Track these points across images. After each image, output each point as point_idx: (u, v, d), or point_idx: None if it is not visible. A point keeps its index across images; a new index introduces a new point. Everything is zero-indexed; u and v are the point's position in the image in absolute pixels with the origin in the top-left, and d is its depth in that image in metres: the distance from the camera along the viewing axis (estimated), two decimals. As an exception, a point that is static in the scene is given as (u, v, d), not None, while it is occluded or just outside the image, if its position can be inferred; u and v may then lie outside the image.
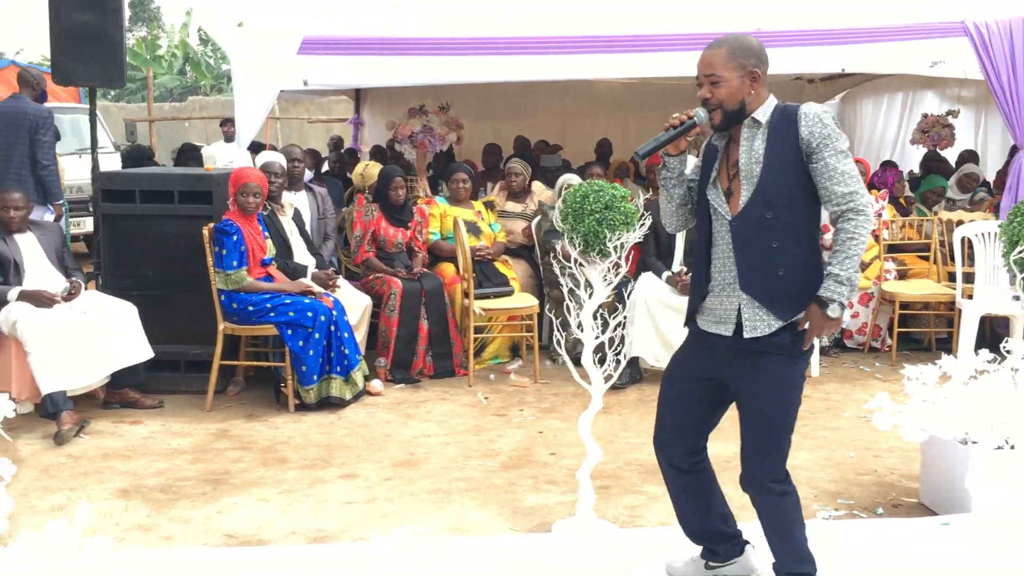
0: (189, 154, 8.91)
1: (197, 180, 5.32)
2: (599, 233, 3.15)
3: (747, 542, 2.94)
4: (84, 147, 10.69)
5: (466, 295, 5.61)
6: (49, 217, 6.51)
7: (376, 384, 5.37)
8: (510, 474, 4.09)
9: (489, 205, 6.40)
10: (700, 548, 2.96)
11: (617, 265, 3.26)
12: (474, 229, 6.07)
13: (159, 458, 4.32)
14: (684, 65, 5.63)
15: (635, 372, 5.45)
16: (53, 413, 4.53)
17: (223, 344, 5.09)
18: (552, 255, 3.78)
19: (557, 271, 3.48)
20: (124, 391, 5.06)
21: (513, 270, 6.15)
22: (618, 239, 3.17)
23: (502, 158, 8.41)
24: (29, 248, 5.07)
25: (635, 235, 3.22)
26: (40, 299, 4.79)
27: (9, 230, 5.04)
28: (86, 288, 5.10)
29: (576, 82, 8.48)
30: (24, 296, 4.80)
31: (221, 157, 11.18)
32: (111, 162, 11.10)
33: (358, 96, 10.66)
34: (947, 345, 6.05)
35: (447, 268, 5.99)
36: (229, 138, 12.48)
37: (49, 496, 3.84)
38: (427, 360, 5.69)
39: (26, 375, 4.67)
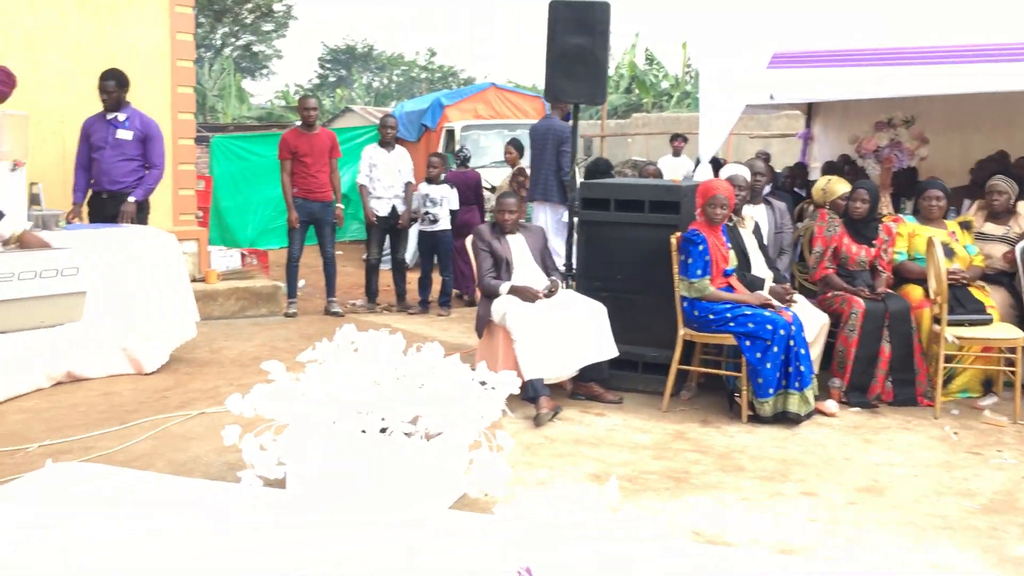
0: (603, 168, 9.13)
1: (667, 191, 5.57)
2: None
3: None
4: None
5: (937, 320, 5.24)
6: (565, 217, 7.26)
7: (830, 405, 5.21)
8: (993, 518, 3.74)
9: (965, 225, 5.91)
10: None
11: None
12: (947, 251, 5.64)
13: (623, 450, 4.59)
14: None
15: None
16: (532, 397, 5.02)
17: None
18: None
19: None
20: (590, 385, 5.45)
21: (991, 297, 5.61)
22: None
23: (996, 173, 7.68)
24: (518, 248, 5.67)
25: None
26: (526, 294, 5.34)
27: (503, 231, 5.68)
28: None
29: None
30: (513, 290, 5.39)
31: (669, 170, 11.59)
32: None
33: (810, 110, 10.43)
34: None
35: (914, 290, 5.63)
36: (676, 152, 12.91)
37: (532, 470, 4.26)
38: (886, 385, 5.40)
39: (511, 360, 5.22)
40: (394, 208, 8.33)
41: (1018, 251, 5.72)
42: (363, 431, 3.58)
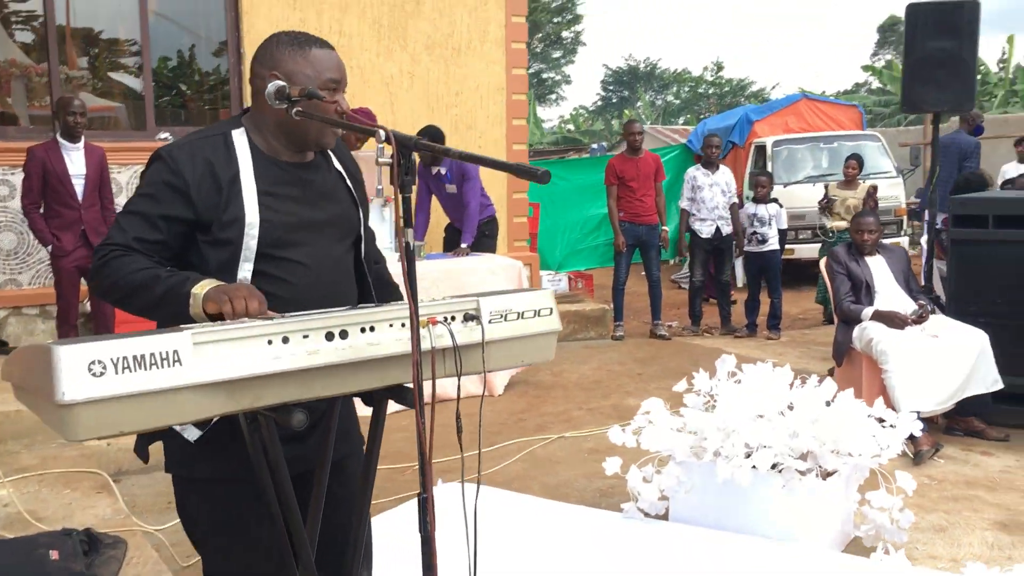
0: (976, 185, 8.37)
1: (1060, 204, 4.96)
2: None
3: None
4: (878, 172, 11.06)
5: None
6: None
7: None
8: None
9: None
10: None
11: None
12: None
13: (1027, 496, 4.10)
14: None
15: None
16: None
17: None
18: None
19: None
20: (969, 419, 4.95)
21: None
22: None
23: None
24: (879, 270, 5.30)
25: None
26: (893, 320, 4.96)
27: (861, 252, 5.33)
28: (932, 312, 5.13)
29: None
30: (878, 316, 5.02)
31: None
32: (893, 187, 11.26)
33: None
34: None
35: None
36: (1022, 158, 11.66)
37: (925, 515, 3.90)
38: None
39: (876, 391, 4.86)
40: (718, 229, 8.15)
41: None
42: (753, 466, 3.44)
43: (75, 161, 5.51)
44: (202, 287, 1.81)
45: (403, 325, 1.84)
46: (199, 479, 1.99)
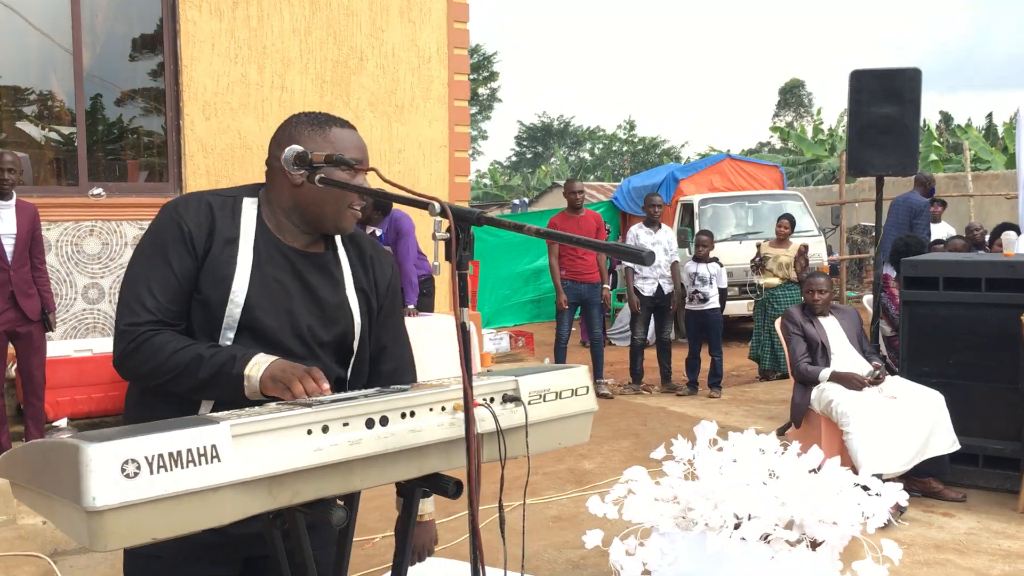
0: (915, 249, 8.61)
1: (1008, 267, 5.10)
2: None
3: None
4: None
5: None
6: None
7: None
8: None
9: None
10: None
11: None
12: None
13: (996, 558, 4.12)
14: None
15: None
16: (874, 495, 4.62)
17: (1036, 442, 4.75)
18: None
19: None
20: (927, 480, 4.99)
21: None
22: None
23: None
24: (833, 330, 5.35)
25: None
26: (851, 382, 4.99)
27: (815, 313, 5.38)
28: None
29: None
30: (835, 377, 5.05)
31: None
32: (816, 245, 11.55)
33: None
34: None
35: None
36: (936, 219, 12.12)
37: (904, 581, 3.88)
38: None
39: (833, 452, 4.86)
40: (659, 287, 8.19)
41: None
42: (742, 538, 3.35)
43: (5, 219, 5.18)
44: (256, 367, 1.67)
45: (443, 409, 1.71)
46: (153, 555, 1.73)
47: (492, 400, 1.79)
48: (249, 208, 1.87)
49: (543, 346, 9.52)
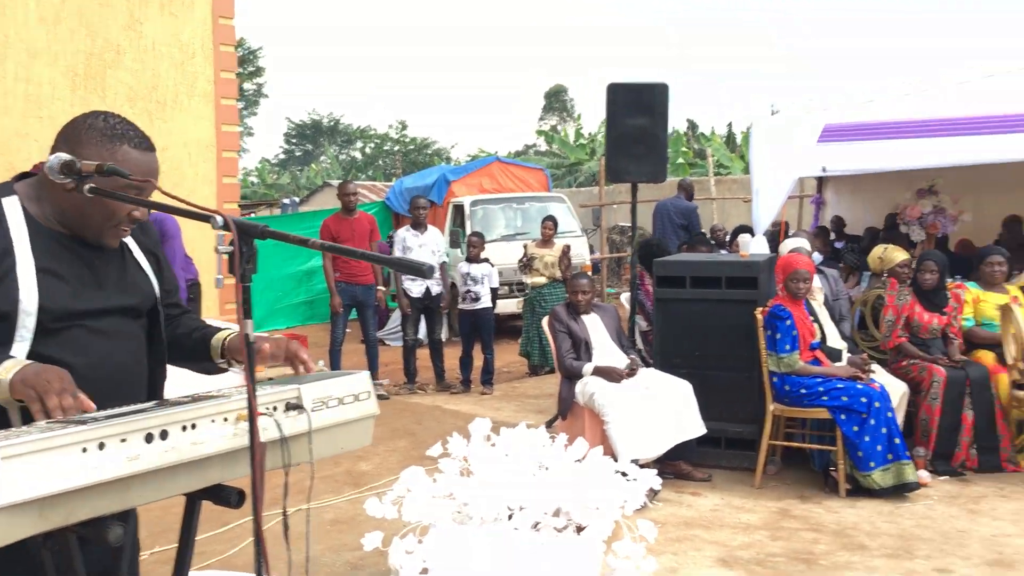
0: (656, 250, 9.39)
1: (744, 267, 5.64)
2: None
3: None
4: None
5: (1019, 386, 5.33)
6: None
7: (923, 474, 5.24)
8: None
9: (1025, 289, 6.05)
10: None
11: None
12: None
13: (737, 531, 4.57)
14: None
15: None
16: (633, 480, 4.98)
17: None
18: None
19: None
20: (678, 463, 5.43)
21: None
22: None
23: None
24: (595, 327, 5.70)
25: None
26: (611, 375, 5.35)
27: (578, 311, 5.71)
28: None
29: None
30: (598, 371, 5.39)
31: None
32: (579, 246, 12.15)
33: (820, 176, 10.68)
34: None
35: (985, 356, 5.73)
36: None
37: (657, 557, 4.20)
38: (971, 453, 5.45)
39: (596, 442, 5.19)
40: (428, 289, 8.33)
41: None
42: (516, 528, 3.54)
43: None
44: (6, 371, 1.59)
45: (226, 420, 1.72)
46: None
47: (275, 409, 1.82)
48: (12, 209, 1.79)
49: (317, 348, 9.40)
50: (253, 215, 18.09)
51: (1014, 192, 9.44)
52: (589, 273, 12.14)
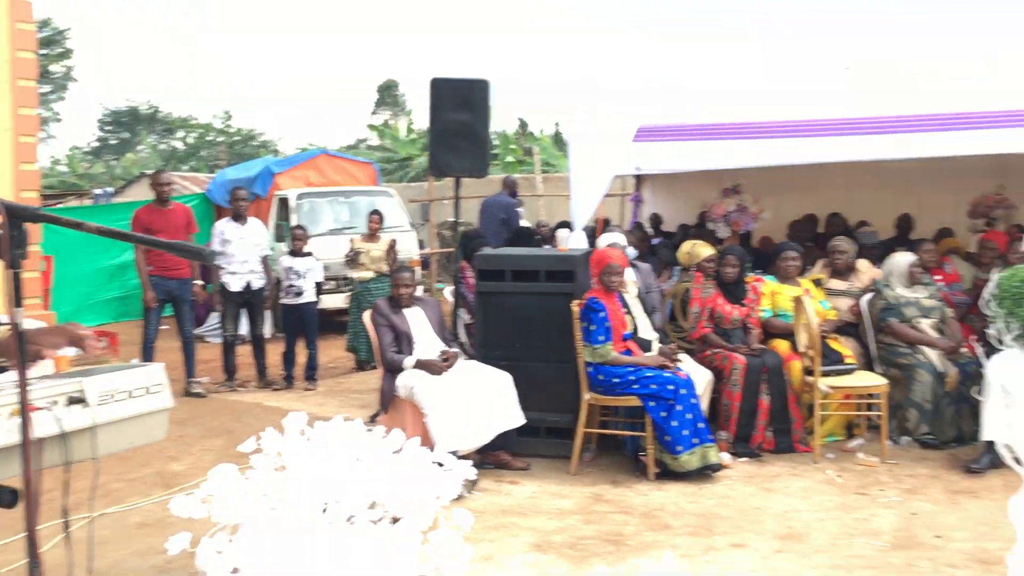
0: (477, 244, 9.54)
1: (561, 260, 5.80)
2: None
3: None
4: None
5: (808, 372, 5.75)
6: None
7: (725, 456, 5.57)
8: (904, 555, 4.15)
9: (816, 283, 6.52)
10: None
11: None
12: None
13: (552, 516, 4.71)
14: (983, 143, 5.68)
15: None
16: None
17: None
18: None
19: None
20: (498, 453, 5.53)
21: (845, 347, 6.21)
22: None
23: (817, 233, 8.51)
24: (417, 321, 5.72)
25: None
26: (431, 368, 5.39)
27: (400, 305, 5.72)
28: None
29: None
30: (419, 364, 5.42)
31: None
32: (408, 240, 12.12)
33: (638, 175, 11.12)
34: None
35: (781, 344, 6.14)
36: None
37: (474, 545, 4.27)
38: (767, 435, 5.84)
39: (418, 434, 5.22)
40: (248, 283, 8.11)
41: (863, 304, 6.38)
42: (329, 523, 3.50)
43: None
44: None
45: (-2, 416, 1.63)
46: None
47: (56, 403, 1.73)
48: None
49: (130, 345, 8.96)
50: (60, 205, 17.01)
51: (811, 193, 10.21)
52: (416, 268, 12.20)
